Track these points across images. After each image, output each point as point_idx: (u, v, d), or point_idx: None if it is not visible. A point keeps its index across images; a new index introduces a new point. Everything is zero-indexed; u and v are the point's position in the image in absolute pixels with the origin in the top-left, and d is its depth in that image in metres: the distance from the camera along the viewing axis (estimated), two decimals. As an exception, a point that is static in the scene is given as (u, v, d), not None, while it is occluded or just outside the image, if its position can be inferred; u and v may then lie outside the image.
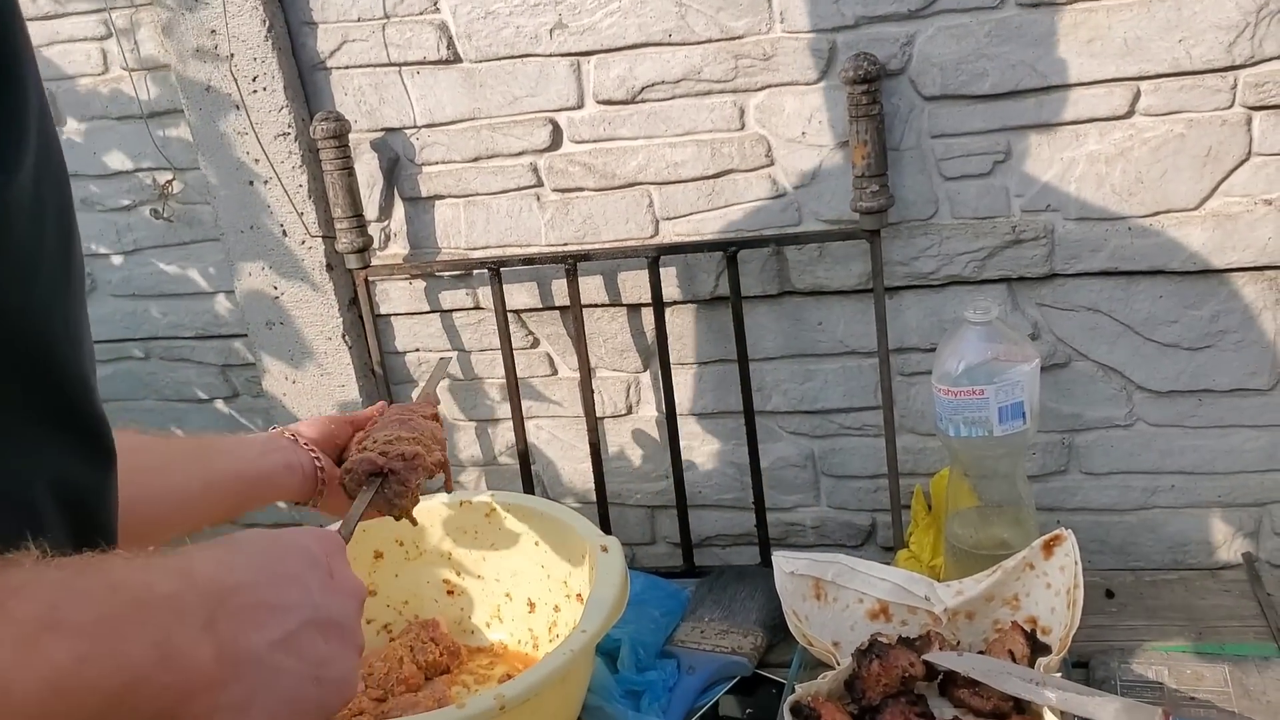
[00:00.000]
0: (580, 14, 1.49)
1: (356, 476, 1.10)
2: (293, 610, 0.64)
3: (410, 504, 1.12)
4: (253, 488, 1.12)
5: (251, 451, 1.13)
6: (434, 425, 1.20)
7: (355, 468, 1.10)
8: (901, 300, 1.52)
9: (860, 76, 1.38)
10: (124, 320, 1.88)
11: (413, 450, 1.12)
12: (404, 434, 1.14)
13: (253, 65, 1.59)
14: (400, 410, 1.21)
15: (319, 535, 0.73)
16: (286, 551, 0.68)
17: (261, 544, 0.67)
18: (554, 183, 1.59)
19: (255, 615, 0.61)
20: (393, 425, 1.16)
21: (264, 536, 0.68)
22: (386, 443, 1.12)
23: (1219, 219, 1.39)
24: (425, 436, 1.16)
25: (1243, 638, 1.34)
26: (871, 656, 1.23)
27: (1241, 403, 1.47)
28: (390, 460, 1.10)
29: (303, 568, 0.68)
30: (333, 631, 0.67)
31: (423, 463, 1.12)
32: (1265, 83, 1.32)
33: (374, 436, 1.14)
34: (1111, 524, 1.57)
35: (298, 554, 0.68)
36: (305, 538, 0.71)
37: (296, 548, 0.69)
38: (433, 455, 1.14)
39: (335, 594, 0.69)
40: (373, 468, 1.10)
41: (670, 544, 1.76)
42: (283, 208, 1.65)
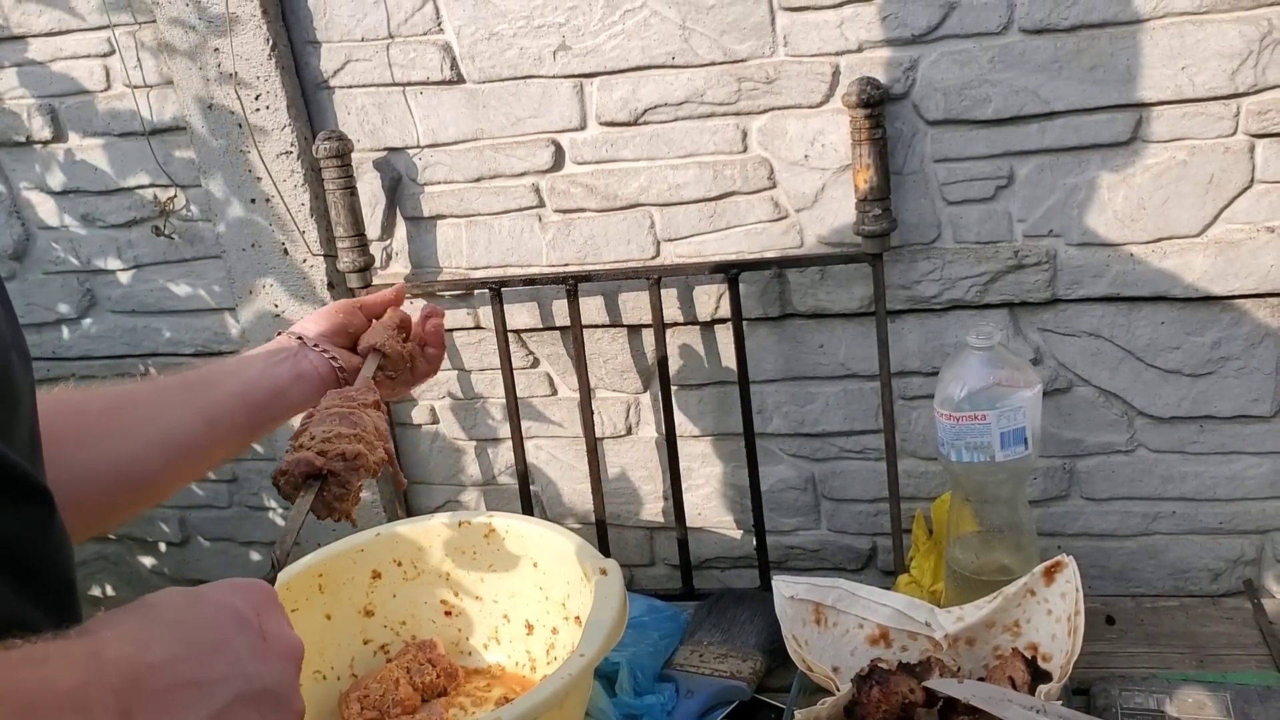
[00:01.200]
0: (584, 36, 1.50)
1: (293, 479, 0.99)
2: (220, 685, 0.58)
3: (350, 506, 1.03)
4: (263, 410, 1.04)
5: (254, 369, 1.05)
6: (377, 417, 1.09)
7: (291, 469, 0.99)
8: (903, 324, 1.52)
9: (864, 100, 1.38)
10: (124, 336, 1.88)
11: (354, 449, 1.01)
12: (344, 430, 1.03)
13: (256, 83, 1.59)
14: (340, 400, 1.08)
15: (246, 590, 0.67)
16: (212, 616, 0.62)
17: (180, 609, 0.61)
18: (556, 203, 1.59)
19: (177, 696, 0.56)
20: (331, 420, 1.04)
21: (183, 599, 0.62)
22: (325, 440, 1.01)
23: (1221, 246, 1.39)
24: (368, 432, 1.05)
25: (1244, 666, 1.33)
26: (872, 682, 1.22)
27: (1243, 430, 1.47)
28: (329, 461, 1.00)
29: (230, 632, 0.62)
30: (267, 703, 0.61)
31: (364, 462, 1.02)
32: (1268, 110, 1.33)
33: (310, 433, 1.02)
34: (1112, 550, 1.57)
35: (223, 617, 0.62)
36: (230, 595, 0.65)
37: (221, 609, 0.63)
38: (375, 453, 1.04)
39: (268, 659, 0.63)
40: (310, 469, 0.99)
41: (669, 566, 1.76)
42: (285, 226, 1.65)
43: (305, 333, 1.12)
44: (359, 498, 1.04)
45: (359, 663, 1.45)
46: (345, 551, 1.45)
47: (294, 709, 0.65)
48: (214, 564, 2.01)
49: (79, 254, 1.84)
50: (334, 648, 1.43)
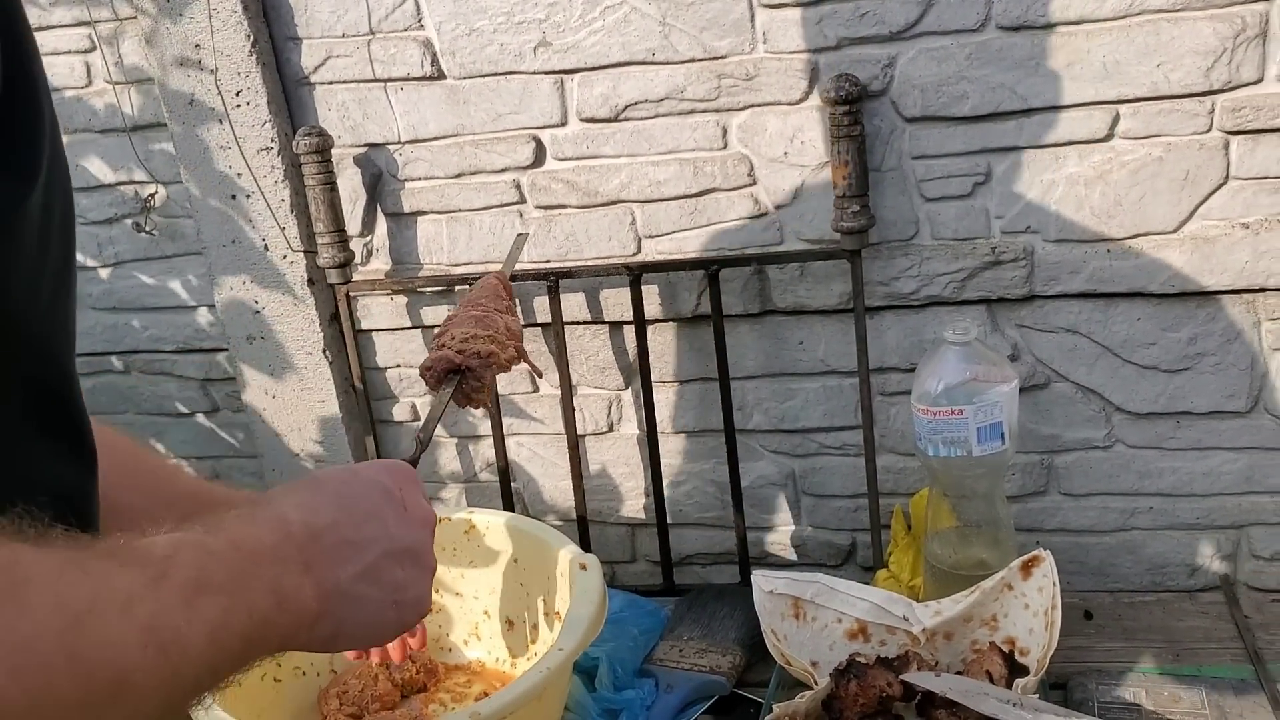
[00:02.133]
0: (564, 32, 1.50)
1: (435, 374, 1.16)
2: (371, 544, 0.72)
3: (486, 397, 1.19)
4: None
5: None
6: (509, 319, 1.24)
7: (435, 365, 1.15)
8: (882, 320, 1.53)
9: (842, 97, 1.39)
10: (105, 333, 1.88)
11: (488, 349, 1.17)
12: (479, 331, 1.18)
13: (236, 79, 1.59)
14: (476, 303, 1.25)
15: (391, 469, 0.80)
16: (364, 489, 0.75)
17: (341, 483, 0.74)
18: (536, 200, 1.59)
19: (340, 552, 0.69)
20: (469, 323, 1.20)
21: (343, 474, 0.76)
22: (463, 340, 1.17)
23: (1197, 242, 1.40)
24: (500, 333, 1.20)
25: (1220, 660, 1.34)
26: (849, 676, 1.23)
27: (1219, 425, 1.48)
28: (466, 358, 1.15)
29: (378, 503, 0.74)
30: (407, 559, 0.75)
31: (497, 360, 1.17)
32: (1242, 107, 1.33)
33: (451, 333, 1.18)
34: (1090, 545, 1.58)
35: (373, 490, 0.75)
36: (380, 474, 0.78)
37: (372, 484, 0.76)
38: (506, 351, 1.20)
39: (408, 525, 0.76)
40: (450, 365, 1.15)
41: (650, 562, 1.76)
42: (265, 222, 1.65)
43: None
44: (494, 389, 1.23)
45: (338, 659, 1.45)
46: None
47: (428, 565, 0.79)
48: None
49: (59, 251, 1.83)
50: (313, 643, 1.43)
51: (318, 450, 1.76)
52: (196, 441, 1.92)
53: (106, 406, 1.91)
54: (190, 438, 1.92)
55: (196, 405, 1.89)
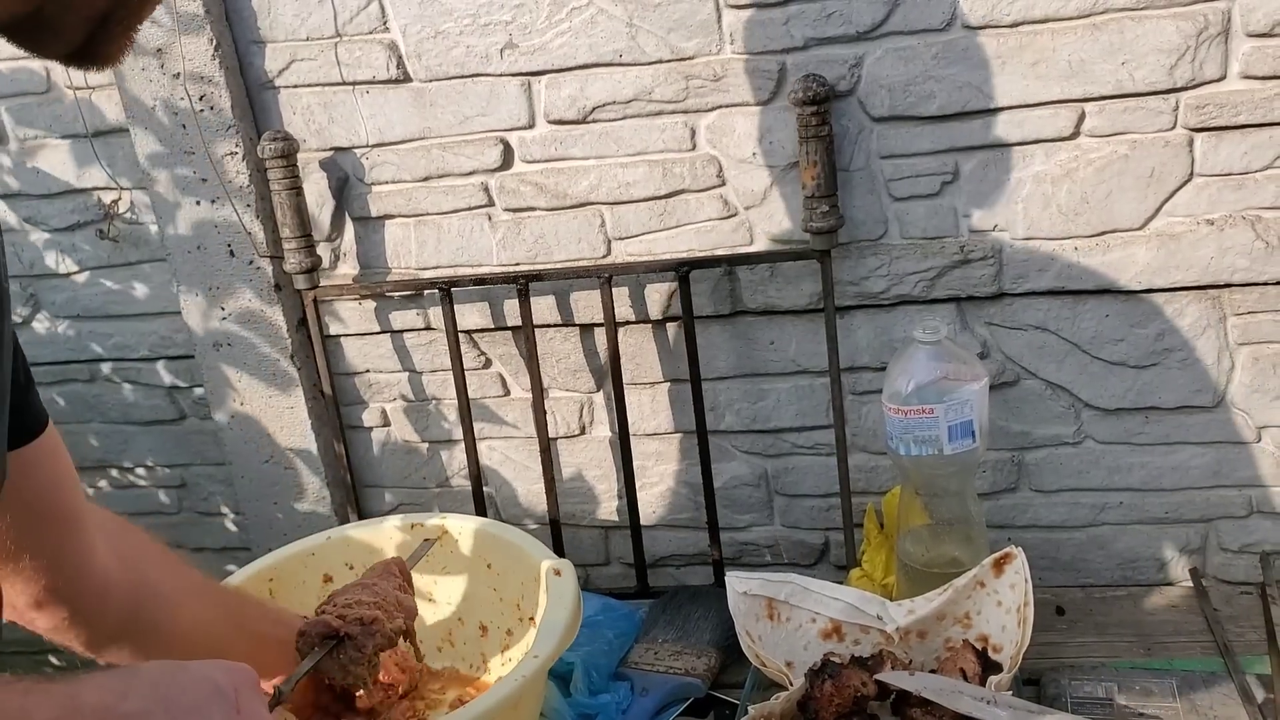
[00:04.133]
0: (531, 34, 1.49)
1: (309, 639, 1.07)
2: None
3: (368, 672, 1.09)
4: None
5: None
6: (401, 595, 1.17)
7: (309, 630, 1.07)
8: (852, 320, 1.53)
9: (809, 98, 1.39)
10: (68, 342, 1.85)
11: (371, 614, 1.09)
12: (365, 597, 1.11)
13: (200, 84, 1.57)
14: (366, 579, 1.18)
15: (230, 668, 0.70)
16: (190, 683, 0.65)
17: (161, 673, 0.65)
18: (505, 202, 1.59)
19: None
20: (355, 590, 1.13)
21: (167, 665, 0.66)
22: (345, 606, 1.09)
23: (1163, 239, 1.41)
24: (388, 602, 1.12)
25: (1190, 653, 1.36)
26: (824, 676, 1.23)
27: (1187, 420, 1.49)
28: (347, 624, 1.07)
29: (205, 700, 0.65)
30: None
31: (381, 629, 1.09)
32: (1206, 104, 1.35)
33: (334, 599, 1.11)
34: (1061, 541, 1.59)
35: (200, 686, 0.66)
36: (212, 670, 0.69)
37: (199, 679, 0.67)
38: (394, 622, 1.11)
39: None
40: (327, 630, 1.06)
41: (624, 565, 1.75)
42: (230, 228, 1.63)
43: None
44: (376, 668, 1.09)
45: (311, 668, 1.44)
46: (296, 555, 1.44)
47: None
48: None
49: (21, 258, 1.81)
50: (285, 653, 1.41)
51: (287, 457, 1.74)
52: (164, 450, 1.90)
53: (71, 416, 1.88)
54: (157, 446, 1.90)
55: (163, 414, 1.87)
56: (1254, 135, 1.35)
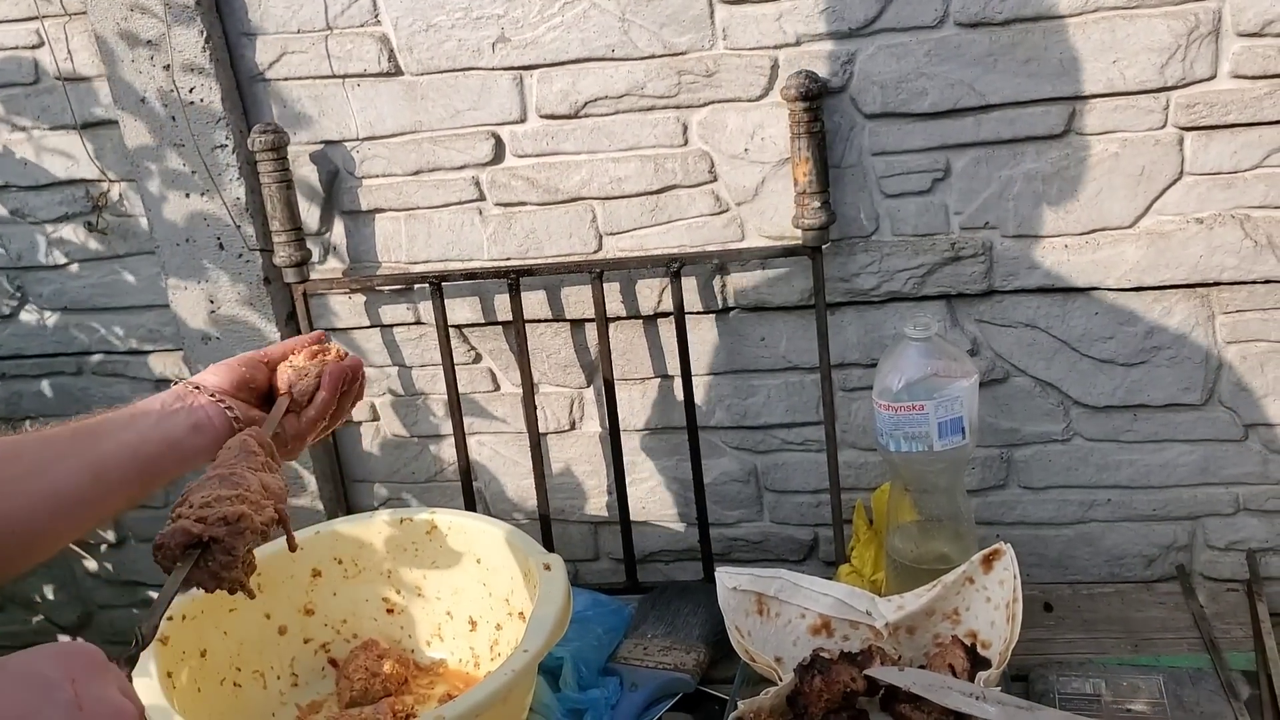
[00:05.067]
0: (523, 28, 1.49)
1: (170, 552, 0.92)
2: None
3: (243, 575, 0.95)
4: (155, 463, 0.98)
5: (147, 421, 0.99)
6: (265, 476, 1.01)
7: (167, 541, 0.92)
8: (842, 316, 1.53)
9: (802, 94, 1.39)
10: (56, 334, 1.84)
11: (236, 511, 0.93)
12: (224, 491, 0.95)
13: (190, 76, 1.56)
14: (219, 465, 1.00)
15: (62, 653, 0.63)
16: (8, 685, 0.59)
17: None
18: (496, 197, 1.58)
19: None
20: (211, 484, 0.96)
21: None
22: (204, 505, 0.93)
23: (1152, 237, 1.41)
24: (252, 491, 0.97)
25: (1177, 650, 1.36)
26: (814, 672, 1.23)
27: (1175, 418, 1.50)
28: (210, 526, 0.92)
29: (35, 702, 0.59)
30: None
31: (250, 524, 0.94)
32: (1196, 103, 1.35)
33: (189, 500, 0.95)
34: (1050, 538, 1.59)
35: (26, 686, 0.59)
36: (42, 662, 0.62)
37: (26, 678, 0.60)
38: (263, 513, 0.96)
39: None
40: (188, 538, 0.91)
41: (613, 560, 1.75)
42: (220, 221, 1.63)
43: (204, 383, 1.06)
44: (253, 564, 0.96)
45: (299, 662, 1.44)
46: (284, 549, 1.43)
47: None
48: (150, 566, 1.97)
49: (9, 250, 1.80)
50: (274, 647, 1.41)
51: (276, 451, 1.74)
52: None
53: (57, 409, 1.87)
54: (145, 439, 1.89)
55: (151, 406, 1.86)
56: (1244, 134, 1.36)
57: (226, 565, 0.93)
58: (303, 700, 1.42)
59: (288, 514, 1.01)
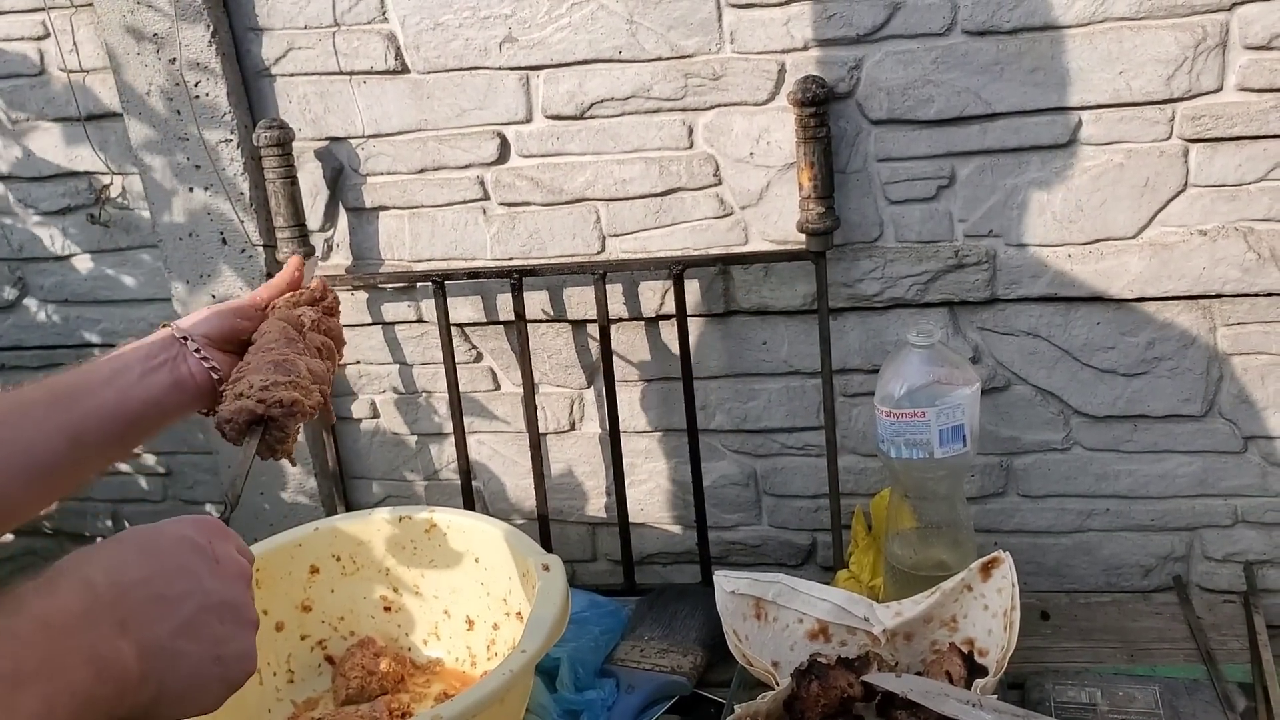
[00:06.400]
0: (530, 28, 1.49)
1: (237, 426, 1.05)
2: (185, 599, 0.69)
3: (291, 447, 1.09)
4: (134, 423, 1.00)
5: (129, 378, 1.00)
6: (311, 361, 1.13)
7: (235, 417, 1.04)
8: (845, 322, 1.53)
9: (808, 99, 1.39)
10: (56, 327, 1.84)
11: (291, 396, 1.06)
12: (279, 378, 1.07)
13: (195, 70, 1.56)
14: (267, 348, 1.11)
15: (198, 523, 0.76)
16: (170, 543, 0.72)
17: (146, 540, 0.71)
18: (501, 196, 1.58)
19: (154, 608, 0.66)
20: (266, 368, 1.08)
21: (146, 533, 0.72)
22: (263, 389, 1.06)
23: (1156, 248, 1.41)
24: (303, 378, 1.09)
25: (1173, 660, 1.36)
26: (811, 677, 1.23)
27: (1175, 429, 1.50)
28: (269, 408, 1.05)
29: (188, 557, 0.72)
30: (226, 613, 0.72)
31: (301, 407, 1.07)
32: (1202, 116, 1.35)
33: (250, 380, 1.06)
34: (1048, 546, 1.59)
35: (180, 544, 0.72)
36: (185, 528, 0.74)
37: (178, 539, 0.72)
38: (311, 398, 1.09)
39: (222, 578, 0.73)
40: (252, 417, 1.04)
41: (611, 562, 1.75)
42: (223, 215, 1.63)
43: (192, 332, 1.07)
44: (297, 437, 1.11)
45: (296, 659, 1.44)
46: (283, 546, 1.43)
47: (248, 619, 0.74)
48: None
49: (11, 241, 1.80)
50: (270, 643, 1.41)
51: (275, 447, 1.73)
52: (150, 436, 1.88)
53: (58, 400, 1.87)
54: (144, 433, 1.88)
55: (151, 400, 1.86)
56: (1249, 147, 1.36)
57: (281, 440, 1.07)
58: (299, 697, 1.43)
59: (329, 395, 1.15)
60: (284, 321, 1.16)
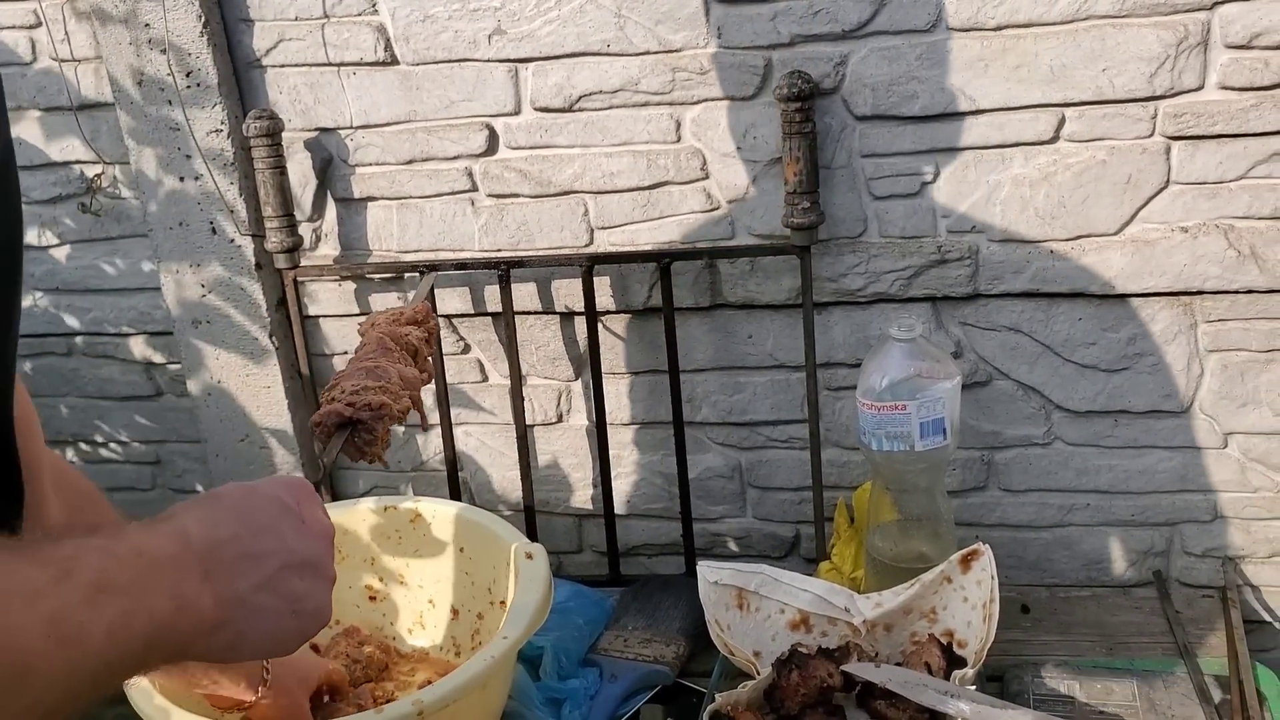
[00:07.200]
0: (519, 21, 1.50)
1: (325, 429, 1.13)
2: (270, 556, 0.75)
3: (381, 450, 1.16)
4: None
5: None
6: (404, 369, 1.21)
7: (324, 420, 1.13)
8: (829, 316, 1.54)
9: (794, 94, 1.40)
10: (46, 315, 1.85)
11: (379, 400, 1.13)
12: (370, 382, 1.15)
13: (187, 60, 1.57)
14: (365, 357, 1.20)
15: (289, 484, 0.82)
16: (261, 503, 0.77)
17: (239, 498, 0.77)
18: (489, 188, 1.59)
19: (240, 564, 0.72)
20: (359, 374, 1.17)
21: (241, 491, 0.78)
22: (354, 393, 1.14)
23: (1137, 244, 1.43)
24: (393, 384, 1.17)
25: (1151, 653, 1.38)
26: (791, 667, 1.24)
27: (1155, 424, 1.51)
28: (358, 411, 1.12)
29: (276, 517, 0.77)
30: (307, 570, 0.77)
31: (389, 411, 1.14)
32: (1184, 113, 1.36)
33: (341, 386, 1.15)
34: (1028, 540, 1.60)
35: (271, 505, 0.78)
36: (278, 489, 0.80)
37: (269, 499, 0.78)
38: (400, 402, 1.16)
39: (307, 538, 0.79)
40: (340, 419, 1.12)
41: (597, 553, 1.77)
42: (213, 205, 1.63)
43: None
44: (388, 441, 1.17)
45: (282, 645, 1.44)
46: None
47: (327, 576, 0.81)
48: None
49: (0, 229, 1.80)
50: (256, 630, 1.41)
51: (262, 436, 1.74)
52: (139, 426, 1.89)
53: (47, 389, 1.88)
54: (132, 422, 1.89)
55: (139, 389, 1.87)
56: (1229, 145, 1.37)
57: (369, 442, 1.13)
58: (284, 684, 1.43)
59: (421, 400, 1.22)
60: (383, 334, 1.23)
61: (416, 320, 1.28)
